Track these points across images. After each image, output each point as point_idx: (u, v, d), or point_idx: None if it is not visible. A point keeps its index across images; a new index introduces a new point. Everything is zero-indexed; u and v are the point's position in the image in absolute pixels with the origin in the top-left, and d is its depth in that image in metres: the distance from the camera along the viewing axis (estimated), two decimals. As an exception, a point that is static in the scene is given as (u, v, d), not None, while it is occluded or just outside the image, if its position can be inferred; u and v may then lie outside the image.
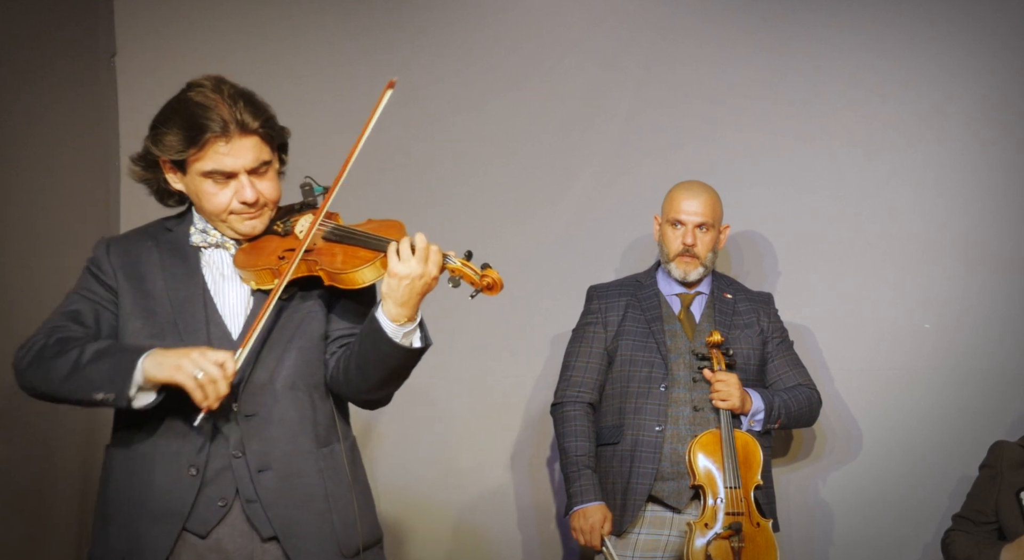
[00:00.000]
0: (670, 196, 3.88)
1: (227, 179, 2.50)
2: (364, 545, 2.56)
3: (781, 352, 3.90)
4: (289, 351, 2.54)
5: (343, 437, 2.61)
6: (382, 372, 2.50)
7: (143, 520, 2.47)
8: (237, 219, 2.54)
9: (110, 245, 2.61)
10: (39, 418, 3.85)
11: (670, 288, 3.88)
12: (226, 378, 2.37)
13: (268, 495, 2.49)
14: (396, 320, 2.43)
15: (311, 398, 2.56)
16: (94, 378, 2.41)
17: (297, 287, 2.56)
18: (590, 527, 3.68)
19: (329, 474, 2.55)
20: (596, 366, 3.83)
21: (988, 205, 4.25)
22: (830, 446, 4.23)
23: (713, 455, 3.62)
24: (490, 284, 2.45)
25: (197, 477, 2.47)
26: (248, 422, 2.50)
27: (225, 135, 2.46)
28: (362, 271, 2.45)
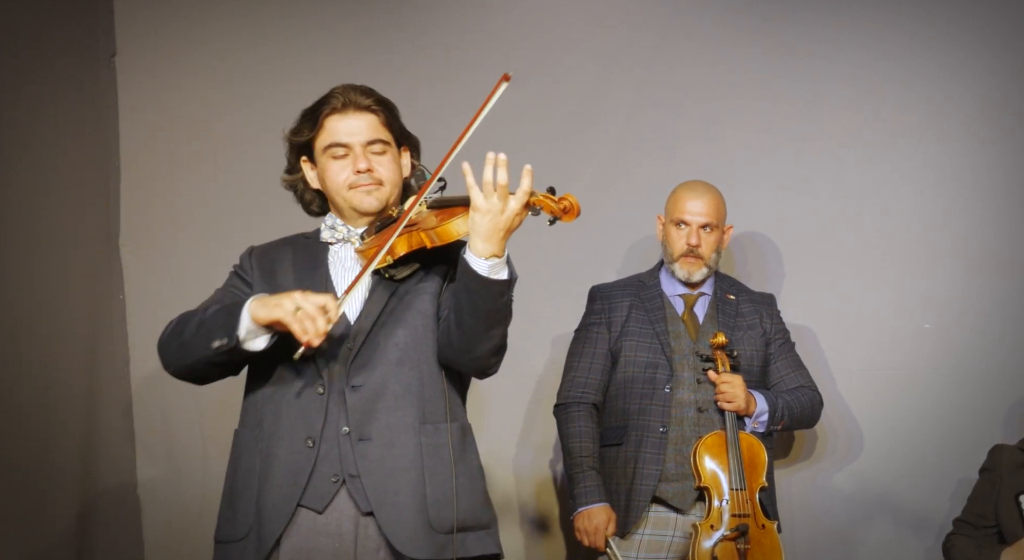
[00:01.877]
0: (674, 196, 3.88)
1: (345, 154, 2.71)
2: (462, 525, 2.60)
3: (783, 353, 3.90)
4: (398, 328, 2.64)
5: (452, 418, 2.67)
6: (476, 317, 2.55)
7: (267, 493, 2.59)
8: (355, 194, 2.71)
9: (253, 250, 2.82)
10: (39, 417, 3.85)
11: (673, 289, 3.88)
12: (325, 316, 2.47)
13: (366, 465, 2.57)
14: (482, 255, 2.50)
15: (419, 374, 2.64)
16: (213, 327, 2.58)
17: (414, 269, 2.68)
18: (594, 528, 3.67)
19: (429, 450, 2.61)
20: (599, 367, 3.83)
21: (988, 205, 4.25)
22: (831, 447, 4.23)
23: (718, 457, 3.62)
24: (567, 208, 2.53)
25: (314, 449, 2.58)
26: (354, 394, 2.60)
27: (340, 110, 2.72)
28: (455, 222, 2.55)
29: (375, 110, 2.73)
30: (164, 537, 4.34)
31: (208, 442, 4.34)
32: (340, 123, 2.72)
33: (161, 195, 4.44)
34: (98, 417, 4.15)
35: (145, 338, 4.36)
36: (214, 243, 4.37)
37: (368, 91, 2.76)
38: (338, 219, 2.78)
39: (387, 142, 2.75)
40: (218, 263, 2.96)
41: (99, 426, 4.14)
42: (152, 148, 4.45)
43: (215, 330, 2.56)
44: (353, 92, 2.74)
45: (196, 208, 4.45)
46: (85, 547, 4.02)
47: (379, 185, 2.72)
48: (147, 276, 4.41)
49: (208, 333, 2.57)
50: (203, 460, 4.36)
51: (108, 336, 4.27)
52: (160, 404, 4.30)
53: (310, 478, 2.57)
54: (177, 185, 4.46)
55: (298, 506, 2.57)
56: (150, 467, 4.37)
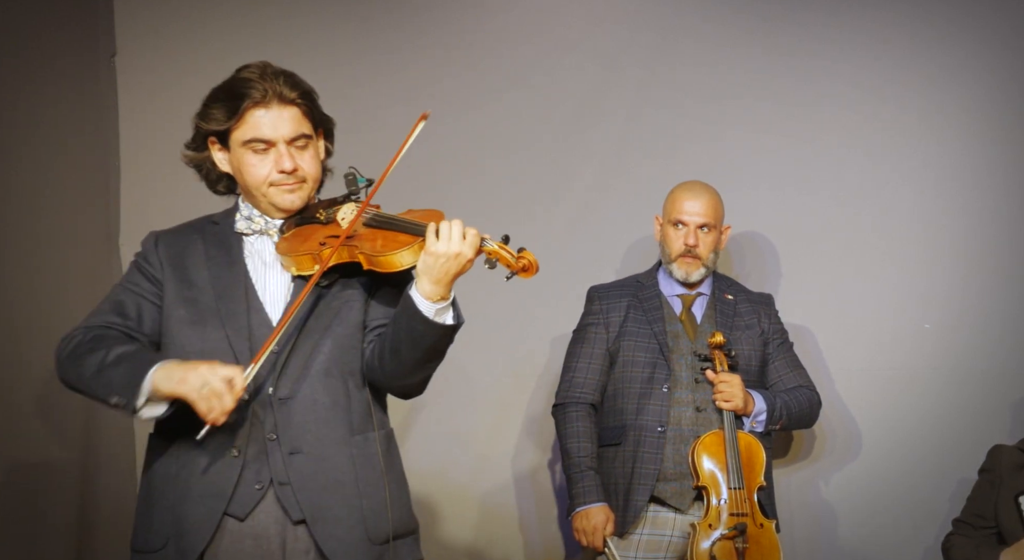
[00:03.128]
0: (672, 196, 3.88)
1: (266, 149, 2.59)
2: (394, 534, 2.58)
3: (782, 353, 3.90)
4: (325, 338, 2.58)
5: (379, 426, 2.63)
6: (416, 352, 2.52)
7: (187, 502, 2.52)
8: (276, 191, 2.61)
9: (159, 238, 2.69)
10: (38, 418, 3.85)
11: (671, 289, 3.88)
12: (232, 393, 2.41)
13: (298, 478, 2.52)
14: (430, 297, 2.47)
15: (346, 385, 2.59)
16: (112, 382, 2.48)
17: (338, 275, 2.61)
18: (593, 528, 3.68)
19: (361, 461, 2.58)
20: (598, 367, 3.83)
21: (988, 205, 4.25)
22: (830, 447, 4.23)
23: (717, 456, 3.62)
24: (526, 266, 2.50)
25: (239, 458, 2.52)
26: (282, 406, 2.54)
27: (264, 103, 2.57)
28: (400, 254, 2.49)
29: (299, 103, 2.60)
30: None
31: (208, 442, 4.34)
32: (263, 117, 2.57)
33: (161, 195, 4.43)
34: (98, 417, 4.14)
35: (145, 338, 4.37)
36: (214, 243, 4.37)
37: (291, 81, 2.62)
38: (255, 210, 2.67)
39: (309, 136, 2.63)
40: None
41: (99, 426, 4.14)
42: (152, 148, 4.44)
43: (114, 386, 2.47)
44: (275, 81, 2.59)
45: (196, 208, 4.43)
46: (85, 547, 4.01)
47: (302, 183, 2.62)
48: (147, 276, 4.41)
49: (107, 386, 2.48)
50: (203, 460, 4.36)
51: (108, 336, 4.26)
52: (160, 404, 4.29)
53: (235, 487, 2.51)
54: (177, 185, 4.44)
55: (223, 515, 2.51)
56: (150, 467, 4.37)
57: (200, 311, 2.59)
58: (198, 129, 2.66)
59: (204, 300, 2.59)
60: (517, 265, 2.48)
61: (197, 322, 2.57)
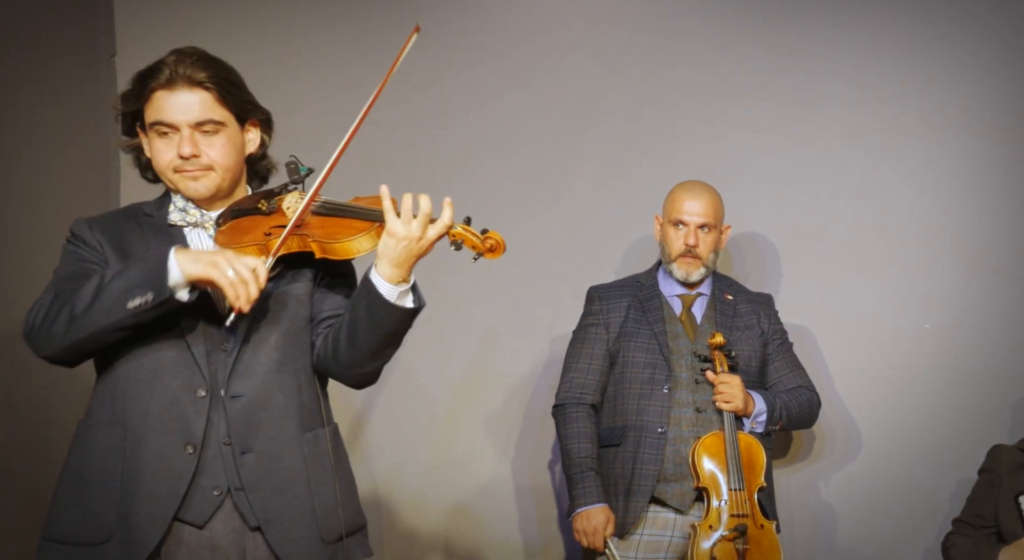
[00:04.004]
0: (672, 196, 3.88)
1: (170, 133, 2.49)
2: (346, 531, 2.53)
3: (781, 354, 3.90)
4: (274, 333, 2.51)
5: (327, 422, 2.57)
6: (374, 338, 2.45)
7: (133, 499, 2.40)
8: (179, 178, 2.52)
9: (91, 223, 2.57)
10: (39, 417, 3.85)
11: (671, 289, 3.88)
12: (258, 283, 2.34)
13: (250, 478, 2.45)
14: (391, 280, 2.41)
15: (297, 381, 2.52)
16: (125, 287, 2.35)
17: (282, 268, 2.53)
18: (593, 529, 3.67)
19: (312, 459, 2.51)
20: (598, 368, 3.83)
21: (988, 205, 4.25)
22: (830, 447, 4.23)
23: (717, 457, 3.62)
24: (492, 246, 2.43)
25: (194, 456, 2.42)
26: (234, 404, 2.46)
27: (169, 85, 2.47)
28: (358, 239, 2.43)
29: (208, 86, 2.48)
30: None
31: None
32: (168, 99, 2.47)
33: (161, 195, 4.44)
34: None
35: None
36: (214, 243, 4.37)
37: (204, 62, 2.50)
38: (190, 202, 2.57)
39: (220, 122, 2.50)
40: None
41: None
42: (152, 148, 4.45)
43: (132, 288, 2.34)
44: (184, 64, 2.48)
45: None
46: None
47: (207, 170, 2.51)
48: (147, 276, 4.41)
49: (121, 294, 2.34)
50: (203, 460, 4.36)
51: (108, 336, 4.26)
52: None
53: (189, 489, 2.41)
54: (177, 185, 4.46)
55: (176, 520, 2.42)
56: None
57: None
58: (117, 110, 2.57)
59: None
60: (484, 246, 2.42)
61: None
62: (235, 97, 2.53)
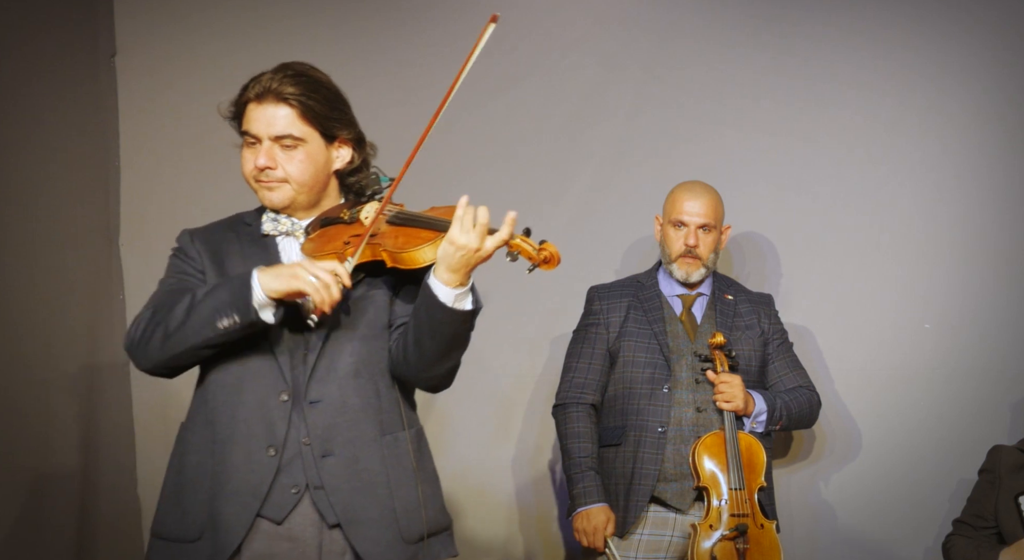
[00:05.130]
0: (672, 197, 3.88)
1: (255, 144, 2.62)
2: (428, 532, 2.61)
3: (781, 354, 3.90)
4: (352, 339, 2.61)
5: (408, 425, 2.66)
6: (437, 342, 2.53)
7: (221, 498, 2.53)
8: (259, 187, 2.65)
9: (193, 234, 2.71)
10: (39, 417, 3.85)
11: (671, 289, 3.88)
12: (339, 284, 2.46)
13: (331, 481, 2.55)
14: (448, 284, 2.48)
15: (375, 386, 2.62)
16: (215, 308, 2.49)
17: (362, 275, 2.62)
18: (593, 529, 3.67)
19: (392, 461, 2.60)
20: (598, 367, 3.83)
21: (988, 205, 4.25)
22: (830, 447, 4.23)
23: (717, 457, 3.62)
24: (547, 258, 2.47)
25: (275, 458, 2.54)
26: (313, 409, 2.56)
27: (259, 99, 2.60)
28: (423, 249, 2.50)
29: (293, 103, 2.59)
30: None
31: (208, 442, 4.34)
32: (256, 112, 2.61)
33: (161, 195, 4.44)
34: (98, 416, 4.15)
35: (145, 338, 4.37)
36: (214, 243, 4.37)
37: (296, 79, 2.62)
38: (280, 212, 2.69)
39: (300, 138, 2.61)
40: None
41: (99, 425, 4.14)
42: (152, 148, 4.45)
43: (220, 309, 2.48)
44: (276, 79, 2.60)
45: (196, 208, 4.44)
46: (85, 547, 4.02)
47: (282, 182, 2.62)
48: (147, 276, 4.36)
49: (209, 315, 2.48)
50: (203, 460, 4.36)
51: (108, 336, 4.26)
52: (160, 403, 4.30)
53: (270, 490, 2.53)
54: (177, 185, 4.46)
55: (258, 516, 2.53)
56: (150, 467, 4.37)
57: None
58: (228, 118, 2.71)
59: None
60: (538, 257, 2.47)
61: None
62: (320, 115, 2.63)
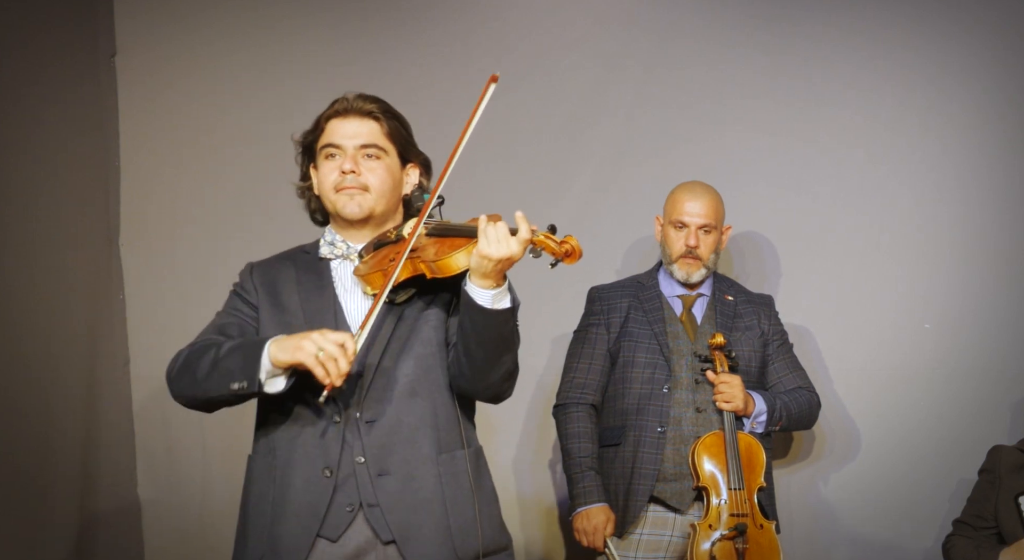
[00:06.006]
0: (673, 197, 3.88)
1: (338, 153, 2.72)
2: (485, 551, 2.63)
3: (781, 354, 3.90)
4: (407, 358, 2.64)
5: (467, 443, 2.68)
6: (484, 346, 2.55)
7: (281, 522, 2.58)
8: (341, 198, 2.70)
9: (254, 267, 2.79)
10: (39, 418, 3.85)
11: (672, 289, 3.88)
12: (346, 356, 2.48)
13: (387, 499, 2.57)
14: (484, 287, 2.52)
15: (432, 404, 2.65)
16: (230, 369, 2.56)
17: (415, 293, 2.66)
18: (593, 528, 3.68)
19: (448, 479, 2.63)
20: (599, 368, 3.83)
21: (988, 205, 4.24)
22: (830, 447, 4.23)
23: (717, 457, 3.62)
24: (569, 251, 2.51)
25: (331, 479, 2.58)
26: (369, 429, 2.60)
27: (342, 114, 2.74)
28: (455, 256, 2.53)
29: (377, 117, 2.73)
30: (164, 537, 4.35)
31: (208, 441, 4.34)
32: (339, 125, 2.72)
33: (161, 195, 4.45)
34: (98, 417, 4.15)
35: (145, 338, 4.37)
36: (214, 243, 4.37)
37: (377, 100, 2.77)
38: (337, 235, 2.76)
39: (383, 149, 2.73)
40: (218, 263, 2.96)
41: (99, 426, 4.14)
42: (152, 148, 4.45)
43: (233, 372, 2.54)
44: (360, 98, 2.75)
45: (196, 208, 4.45)
46: (85, 548, 4.02)
47: (363, 190, 2.71)
48: (147, 276, 4.41)
49: (226, 375, 2.55)
50: (203, 460, 4.36)
51: (108, 336, 4.27)
52: (160, 404, 4.29)
53: (328, 508, 2.57)
54: (177, 185, 4.46)
55: (316, 537, 2.57)
56: (150, 467, 4.37)
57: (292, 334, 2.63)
58: (300, 150, 2.80)
59: (296, 324, 2.66)
60: (561, 251, 2.50)
61: None
62: (400, 135, 2.77)
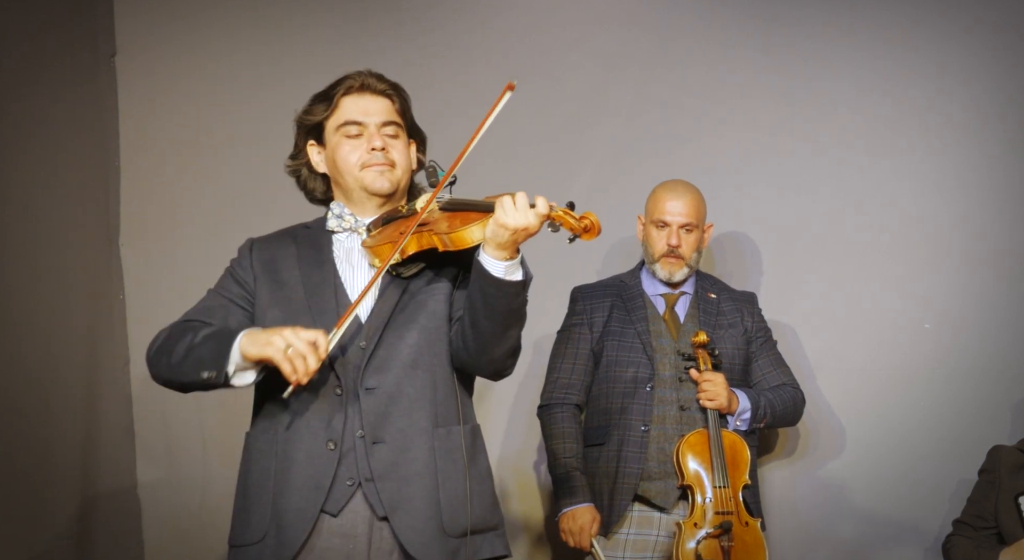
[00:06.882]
0: (654, 197, 3.88)
1: (358, 134, 2.72)
2: (473, 528, 2.62)
3: (765, 352, 3.89)
4: (411, 330, 2.64)
5: (464, 420, 2.68)
6: (493, 318, 2.54)
7: (286, 495, 2.57)
8: (368, 173, 2.71)
9: (254, 244, 2.79)
10: (39, 417, 3.85)
11: (654, 288, 3.87)
12: (316, 355, 2.46)
13: (379, 468, 2.57)
14: (498, 259, 2.51)
15: (432, 377, 2.64)
16: (202, 358, 2.56)
17: (423, 267, 2.67)
18: (579, 528, 3.66)
19: (442, 453, 2.62)
20: (582, 368, 3.82)
21: (988, 205, 4.24)
22: (830, 446, 4.22)
23: (701, 455, 3.61)
24: (587, 226, 2.50)
25: (335, 451, 2.57)
26: (368, 396, 2.59)
27: (357, 91, 2.75)
28: (471, 229, 2.53)
29: (390, 95, 2.76)
30: (164, 537, 4.35)
31: (208, 441, 4.34)
32: (356, 103, 2.74)
33: (161, 195, 4.45)
34: (98, 417, 4.15)
35: (145, 338, 4.31)
36: (214, 243, 4.36)
37: (385, 79, 2.79)
38: (346, 208, 2.76)
39: (401, 126, 2.77)
40: (218, 263, 2.95)
41: (99, 426, 4.15)
42: (152, 148, 4.45)
43: (204, 361, 2.55)
44: (370, 76, 2.76)
45: (196, 208, 4.45)
46: (85, 547, 4.02)
47: (391, 167, 2.73)
48: (147, 276, 4.41)
49: (197, 363, 2.56)
50: (203, 459, 4.36)
51: (108, 336, 4.27)
52: (160, 403, 4.30)
53: (332, 482, 2.56)
54: (177, 185, 4.47)
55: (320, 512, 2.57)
56: (150, 467, 4.37)
57: (293, 309, 2.65)
58: (298, 128, 2.79)
59: (295, 298, 2.67)
60: (579, 227, 2.50)
61: (289, 320, 2.60)
62: (408, 112, 2.81)
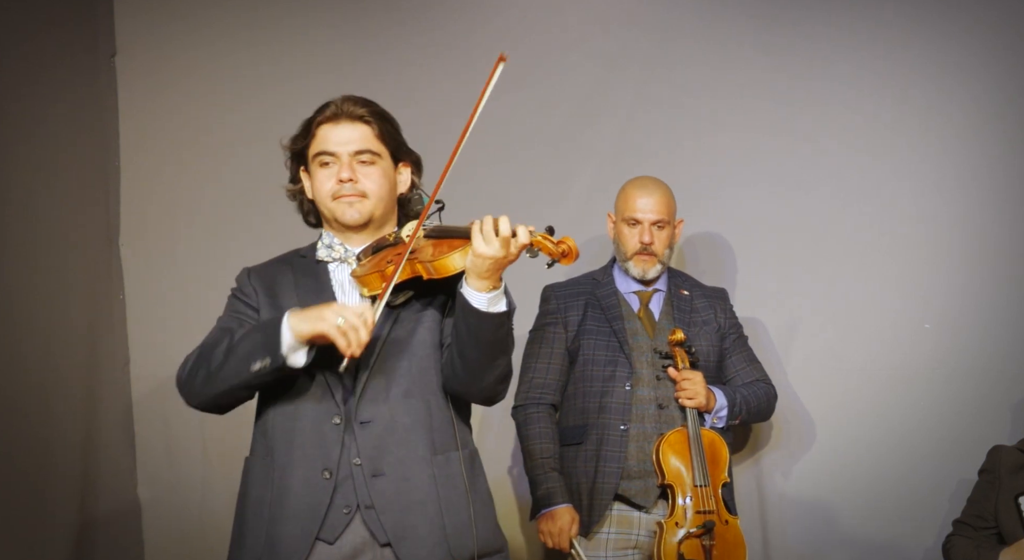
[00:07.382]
0: (624, 194, 3.86)
1: (331, 163, 2.71)
2: (480, 552, 2.62)
3: (738, 348, 3.89)
4: (403, 359, 2.64)
5: (462, 445, 2.68)
6: (478, 348, 2.55)
7: (281, 522, 2.58)
8: (338, 205, 2.70)
9: (251, 272, 2.79)
10: (39, 418, 3.85)
11: (627, 286, 3.86)
12: (366, 326, 2.49)
13: (381, 500, 2.57)
14: (480, 290, 2.52)
15: (427, 405, 2.65)
16: (249, 351, 2.57)
17: (411, 293, 2.66)
18: (558, 529, 3.64)
19: (443, 480, 2.62)
20: (557, 367, 3.80)
21: (988, 205, 4.24)
22: (830, 446, 4.22)
23: (681, 454, 3.60)
24: (565, 252, 2.51)
25: (331, 480, 2.58)
26: (364, 430, 2.60)
27: (332, 119, 2.72)
28: (452, 257, 2.54)
29: (368, 121, 2.72)
30: (164, 537, 4.35)
31: (208, 442, 4.34)
32: (331, 132, 2.71)
33: (161, 195, 4.45)
34: (98, 418, 4.15)
35: (145, 338, 4.37)
36: (214, 243, 4.37)
37: (366, 102, 2.75)
38: (335, 237, 2.76)
39: (377, 153, 2.72)
40: (218, 263, 2.96)
41: (99, 426, 4.14)
42: (152, 148, 4.45)
43: (252, 352, 2.55)
44: (349, 102, 2.73)
45: (196, 208, 4.45)
46: (85, 548, 4.02)
47: (362, 197, 2.70)
48: (147, 276, 4.41)
49: (244, 357, 2.56)
50: (203, 460, 4.36)
51: (108, 336, 4.27)
52: (160, 404, 4.30)
53: (328, 510, 2.57)
54: (177, 185, 4.46)
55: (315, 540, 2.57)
56: (150, 468, 4.37)
57: None
58: (288, 154, 2.79)
59: None
60: (557, 252, 2.51)
61: None
62: (391, 136, 2.76)
